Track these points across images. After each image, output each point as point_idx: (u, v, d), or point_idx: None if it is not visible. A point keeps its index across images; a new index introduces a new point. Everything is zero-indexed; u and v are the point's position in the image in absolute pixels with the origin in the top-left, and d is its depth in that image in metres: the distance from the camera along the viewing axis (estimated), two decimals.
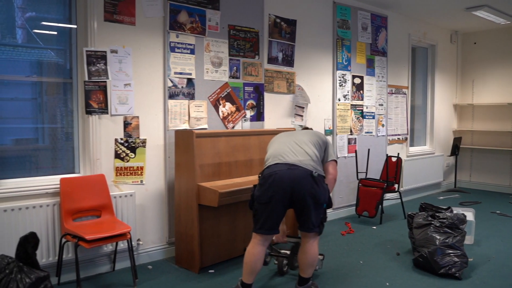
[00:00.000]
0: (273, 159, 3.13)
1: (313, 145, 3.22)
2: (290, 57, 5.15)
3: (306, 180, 2.99)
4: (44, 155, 3.77)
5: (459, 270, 3.70)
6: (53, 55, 3.81)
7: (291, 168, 3.01)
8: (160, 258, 4.13)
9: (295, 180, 2.97)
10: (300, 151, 3.14)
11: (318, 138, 3.32)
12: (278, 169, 3.02)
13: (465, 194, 7.56)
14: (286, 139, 3.28)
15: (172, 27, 4.04)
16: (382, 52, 6.39)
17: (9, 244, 3.24)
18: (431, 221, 4.00)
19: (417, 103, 7.64)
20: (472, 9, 6.23)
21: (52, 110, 3.77)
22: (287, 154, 3.11)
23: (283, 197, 2.99)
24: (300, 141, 3.23)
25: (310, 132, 3.42)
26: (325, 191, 3.11)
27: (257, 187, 3.11)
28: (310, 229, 3.09)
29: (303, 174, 2.99)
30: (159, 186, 4.11)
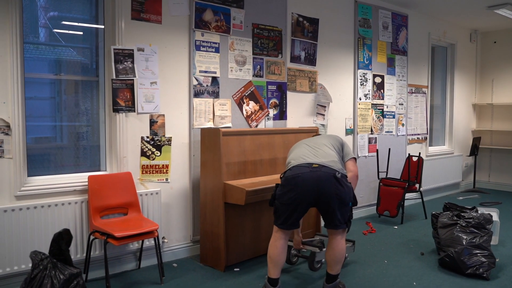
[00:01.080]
0: (295, 161, 3.15)
1: (332, 146, 3.29)
2: (313, 56, 5.14)
3: (330, 182, 3.00)
4: (69, 153, 3.80)
5: (487, 270, 3.66)
6: (79, 54, 3.84)
7: (314, 170, 3.02)
8: (185, 256, 4.14)
9: (319, 182, 2.99)
10: (321, 153, 3.18)
11: (334, 140, 3.40)
12: (302, 171, 3.04)
13: (484, 194, 7.49)
14: (306, 144, 3.34)
15: (198, 25, 4.05)
16: (403, 51, 6.34)
17: (38, 240, 3.28)
18: (457, 220, 3.97)
19: (436, 102, 7.58)
20: (494, 7, 6.17)
21: (78, 108, 3.79)
22: (309, 156, 3.16)
23: (307, 199, 3.02)
24: (319, 144, 3.30)
25: (325, 135, 3.52)
26: (350, 190, 3.10)
27: (279, 187, 3.14)
28: (337, 227, 3.10)
29: (326, 176, 3.01)
30: (184, 185, 4.12)
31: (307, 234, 4.51)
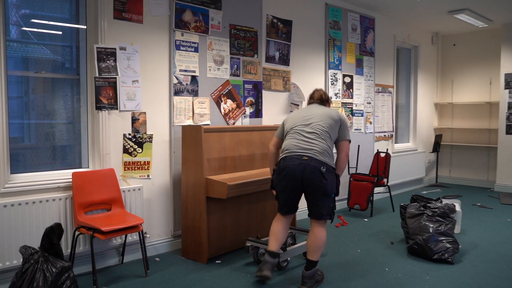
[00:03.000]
0: (288, 151, 3.36)
1: (326, 132, 3.35)
2: (286, 56, 5.34)
3: (316, 175, 3.24)
4: (51, 150, 3.83)
5: (452, 255, 3.95)
6: (59, 52, 3.87)
7: (303, 162, 3.25)
8: (166, 250, 4.25)
9: (305, 174, 3.25)
10: (314, 143, 3.31)
11: (331, 120, 3.39)
12: (291, 163, 3.29)
13: (446, 188, 7.91)
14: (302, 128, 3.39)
15: (178, 25, 4.16)
16: (370, 52, 6.64)
17: (23, 236, 3.31)
18: (424, 211, 4.24)
19: (401, 101, 7.95)
20: (454, 12, 6.56)
21: (58, 106, 3.83)
22: (302, 145, 3.32)
23: (295, 188, 3.35)
24: (314, 128, 3.35)
25: (325, 113, 3.43)
26: (333, 182, 3.34)
27: (275, 175, 3.45)
28: (319, 217, 3.37)
29: (313, 169, 3.24)
30: (165, 181, 4.22)
31: None
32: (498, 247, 4.44)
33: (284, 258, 3.76)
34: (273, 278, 3.55)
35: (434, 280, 3.55)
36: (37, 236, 3.30)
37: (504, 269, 3.80)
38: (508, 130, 7.54)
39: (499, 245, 4.51)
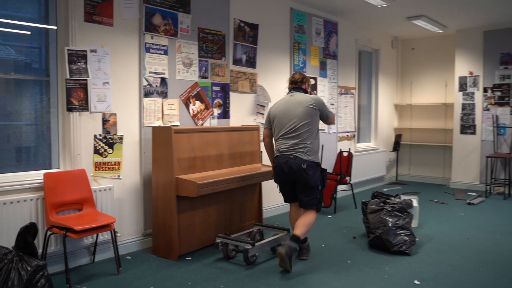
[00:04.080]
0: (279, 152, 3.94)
1: (307, 131, 3.86)
2: (253, 59, 5.51)
3: (300, 172, 3.81)
4: (20, 151, 3.85)
5: (409, 247, 4.23)
6: (28, 53, 3.90)
7: (290, 160, 3.83)
8: (137, 249, 4.33)
9: (291, 171, 3.84)
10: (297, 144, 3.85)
11: (310, 116, 3.88)
12: (282, 160, 3.89)
13: (405, 186, 8.29)
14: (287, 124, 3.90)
15: (147, 29, 4.26)
16: (333, 55, 6.90)
17: None
18: (383, 206, 4.50)
19: (363, 103, 8.27)
20: (412, 18, 6.92)
21: (27, 107, 3.85)
22: (287, 140, 3.89)
23: (288, 181, 3.97)
24: (295, 125, 3.86)
25: (303, 111, 3.87)
26: (316, 176, 3.87)
27: (274, 172, 4.04)
28: (306, 207, 3.94)
29: (297, 166, 3.80)
30: (135, 181, 4.31)
31: (247, 226, 4.86)
32: (452, 239, 4.76)
33: (252, 253, 3.92)
34: (240, 273, 3.72)
35: (393, 270, 3.80)
36: (8, 236, 3.33)
37: (456, 259, 4.10)
38: (462, 130, 7.99)
39: (453, 237, 4.83)
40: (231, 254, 4.09)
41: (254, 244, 3.93)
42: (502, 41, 7.53)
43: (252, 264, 3.94)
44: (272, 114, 4.07)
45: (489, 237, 4.85)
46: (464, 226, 5.31)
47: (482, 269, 3.84)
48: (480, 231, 5.09)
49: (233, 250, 4.11)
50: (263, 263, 3.98)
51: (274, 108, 4.08)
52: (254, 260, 3.99)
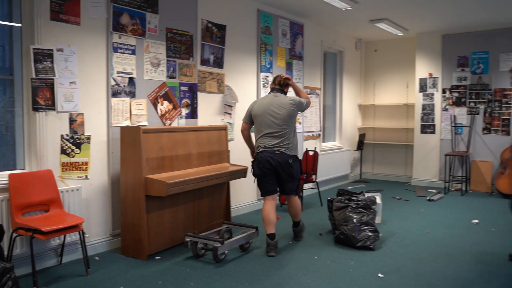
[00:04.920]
0: (264, 147, 4.30)
1: (289, 130, 4.34)
2: (220, 60, 5.56)
3: (286, 166, 4.30)
4: None
5: (373, 242, 4.39)
6: None
7: (276, 156, 4.26)
8: (105, 250, 4.30)
9: (278, 165, 4.27)
10: (282, 134, 4.30)
11: (291, 110, 4.33)
12: (268, 154, 4.27)
13: (369, 183, 8.54)
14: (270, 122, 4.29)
15: (115, 28, 4.24)
16: (299, 56, 7.04)
17: None
18: (348, 203, 4.65)
19: (328, 103, 8.45)
20: (375, 21, 7.14)
21: None
22: (273, 139, 4.29)
23: (272, 173, 4.32)
24: (280, 124, 4.29)
25: (286, 113, 4.31)
26: (297, 169, 4.42)
27: (255, 166, 4.35)
28: (290, 192, 4.49)
29: (283, 161, 4.27)
30: (103, 181, 4.28)
31: (216, 224, 4.91)
32: (413, 234, 4.97)
33: (221, 251, 3.98)
34: (210, 270, 3.78)
35: (358, 265, 3.94)
36: None
37: (417, 252, 4.29)
38: (422, 130, 8.31)
39: (414, 232, 5.04)
40: (201, 253, 4.14)
41: (223, 242, 3.99)
42: (459, 44, 7.88)
43: (222, 262, 4.00)
44: (254, 110, 4.42)
45: (447, 232, 5.08)
46: (424, 222, 5.54)
47: (441, 261, 4.04)
48: (439, 226, 5.33)
49: (203, 248, 4.15)
50: (233, 261, 4.04)
51: (257, 105, 4.42)
52: (224, 258, 4.05)
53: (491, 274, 3.76)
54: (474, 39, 7.73)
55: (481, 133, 7.72)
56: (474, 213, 6.03)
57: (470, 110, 7.83)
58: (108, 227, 4.36)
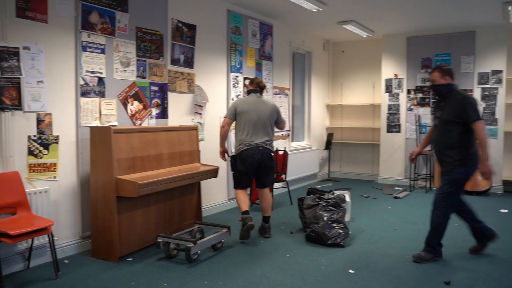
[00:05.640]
0: (249, 145, 4.63)
1: (271, 123, 4.79)
2: (191, 59, 5.54)
3: (269, 159, 4.74)
4: None
5: (343, 239, 4.48)
6: None
7: (260, 150, 4.65)
8: (75, 252, 4.22)
9: (262, 159, 4.66)
10: (265, 133, 4.72)
11: (273, 112, 4.81)
12: (253, 152, 4.62)
13: (337, 182, 8.69)
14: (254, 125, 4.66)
15: (84, 26, 4.16)
16: (269, 57, 7.09)
17: None
18: (318, 202, 4.73)
19: (297, 103, 8.55)
20: (343, 23, 7.28)
21: None
22: (258, 136, 4.67)
23: (254, 169, 4.70)
24: (265, 124, 4.71)
25: (268, 113, 4.75)
26: (275, 162, 4.96)
27: (240, 163, 4.66)
28: (267, 185, 4.82)
29: (267, 155, 4.70)
30: (72, 182, 4.20)
31: (187, 225, 4.90)
32: (381, 230, 5.10)
33: (194, 251, 3.98)
34: (183, 271, 3.77)
35: (329, 261, 4.02)
36: None
37: (385, 248, 4.42)
38: (388, 129, 8.53)
39: (382, 229, 5.18)
40: (173, 253, 4.12)
41: (196, 242, 3.99)
42: (423, 46, 8.14)
43: (195, 262, 4.00)
44: (240, 108, 4.71)
45: (413, 227, 5.25)
46: (391, 218, 5.70)
47: (409, 256, 4.17)
48: (406, 222, 5.50)
49: (175, 249, 4.14)
50: (205, 261, 4.04)
51: (242, 103, 4.74)
52: (196, 258, 4.05)
53: (455, 267, 3.91)
54: (437, 41, 8.01)
55: None
56: None
57: None
58: (78, 229, 4.27)
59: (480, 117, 3.85)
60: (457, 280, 3.61)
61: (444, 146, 4.01)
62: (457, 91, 4.01)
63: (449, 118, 3.94)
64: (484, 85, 7.67)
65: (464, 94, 4.00)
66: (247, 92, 4.99)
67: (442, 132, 4.03)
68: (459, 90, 4.04)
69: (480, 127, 3.81)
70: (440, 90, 4.04)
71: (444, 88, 4.01)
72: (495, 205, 6.59)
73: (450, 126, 3.94)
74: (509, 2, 6.01)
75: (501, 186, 7.64)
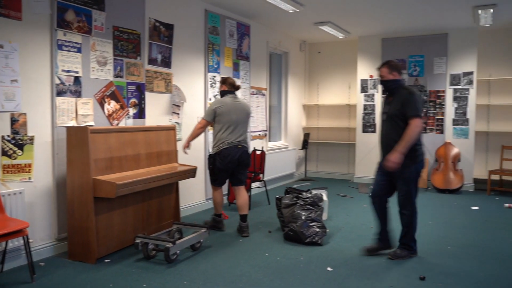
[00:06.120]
0: (228, 142, 4.79)
1: (246, 123, 5.01)
2: (168, 59, 5.51)
3: (247, 156, 4.95)
4: None
5: (321, 238, 4.54)
6: None
7: (240, 149, 4.84)
8: (51, 255, 4.14)
9: (241, 157, 4.85)
10: (243, 132, 4.92)
11: (248, 113, 5.03)
12: (232, 151, 4.79)
13: (314, 181, 8.78)
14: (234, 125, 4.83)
15: (60, 25, 4.10)
16: (246, 57, 7.12)
17: None
18: (296, 201, 4.78)
19: (274, 103, 8.61)
20: (319, 24, 7.37)
21: None
22: (237, 135, 4.85)
23: (232, 167, 4.86)
24: (242, 123, 4.92)
25: (245, 115, 4.98)
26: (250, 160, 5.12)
27: (219, 161, 4.80)
28: (242, 183, 4.98)
29: (245, 152, 4.90)
30: (48, 183, 4.13)
31: (166, 225, 4.88)
32: (357, 228, 5.19)
33: (173, 252, 3.96)
34: (162, 271, 3.76)
35: (307, 260, 4.07)
36: None
37: (362, 246, 4.48)
38: (364, 129, 8.66)
39: (358, 227, 5.27)
40: (152, 254, 4.10)
41: (175, 242, 3.98)
42: (397, 48, 8.30)
43: (173, 262, 3.98)
44: (219, 111, 4.82)
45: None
46: (367, 217, 5.79)
47: (385, 253, 4.25)
48: None
49: (154, 249, 4.11)
50: (184, 261, 4.04)
51: (221, 107, 4.83)
52: (175, 258, 4.03)
53: (429, 263, 4.02)
54: (410, 43, 8.18)
55: None
56: None
57: None
58: (54, 231, 4.20)
59: (418, 114, 3.87)
60: (432, 276, 3.71)
61: (391, 141, 4.01)
62: (403, 87, 4.06)
63: (395, 112, 3.97)
64: (456, 86, 7.88)
65: (410, 89, 4.02)
66: (221, 93, 5.01)
67: (390, 127, 4.05)
68: (406, 86, 4.10)
69: (414, 124, 3.84)
70: (388, 85, 4.10)
71: (391, 83, 4.07)
72: (467, 202, 6.78)
73: (397, 121, 3.97)
74: (479, 6, 6.20)
75: (472, 184, 7.86)
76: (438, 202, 6.82)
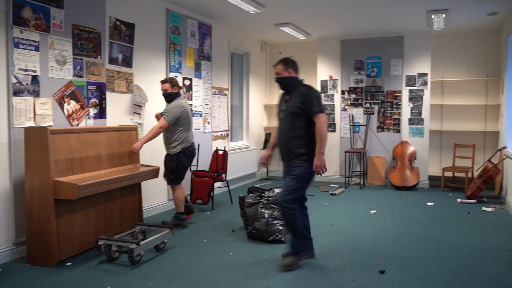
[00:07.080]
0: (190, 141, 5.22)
1: None
2: (129, 59, 5.44)
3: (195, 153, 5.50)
4: None
5: (284, 235, 4.62)
6: None
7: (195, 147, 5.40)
8: (8, 260, 4.01)
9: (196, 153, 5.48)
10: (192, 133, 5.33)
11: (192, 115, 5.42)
12: (194, 149, 5.35)
13: (276, 181, 8.88)
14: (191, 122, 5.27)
15: (16, 22, 3.97)
16: (207, 57, 7.12)
17: None
18: (259, 200, 4.84)
19: (235, 103, 8.64)
20: (280, 25, 7.47)
21: None
22: (192, 134, 5.31)
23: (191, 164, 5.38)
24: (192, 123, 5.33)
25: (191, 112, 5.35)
26: None
27: (185, 159, 5.14)
28: None
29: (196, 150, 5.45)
30: (4, 186, 3.99)
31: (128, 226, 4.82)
32: (319, 226, 5.31)
33: (137, 253, 3.93)
34: (127, 273, 3.72)
35: (271, 257, 4.14)
36: None
37: (324, 242, 4.62)
38: None
39: (320, 224, 5.39)
40: (115, 256, 4.05)
41: (139, 243, 3.95)
42: (356, 49, 8.53)
43: (138, 263, 3.95)
44: (183, 113, 5.09)
45: (349, 222, 5.51)
46: (329, 214, 5.94)
47: (346, 249, 4.39)
48: (342, 217, 5.76)
49: (117, 251, 4.06)
50: (149, 262, 4.01)
51: (183, 109, 5.08)
52: (139, 259, 4.00)
53: (388, 257, 4.18)
54: (368, 45, 8.43)
55: (376, 131, 8.45)
56: (371, 204, 6.59)
57: (366, 110, 8.51)
58: (11, 235, 4.07)
59: (322, 110, 3.81)
60: (391, 269, 3.86)
61: (289, 140, 3.91)
62: (302, 84, 3.96)
63: (294, 110, 3.84)
64: (411, 87, 8.18)
65: (309, 86, 3.93)
66: (173, 95, 5.12)
67: (288, 125, 3.92)
68: (304, 83, 3.98)
69: (321, 120, 3.78)
70: (283, 82, 3.98)
71: (287, 81, 3.95)
72: (422, 199, 7.07)
73: (295, 119, 3.85)
74: (433, 10, 6.48)
75: (427, 181, 8.19)
76: (395, 198, 7.08)
